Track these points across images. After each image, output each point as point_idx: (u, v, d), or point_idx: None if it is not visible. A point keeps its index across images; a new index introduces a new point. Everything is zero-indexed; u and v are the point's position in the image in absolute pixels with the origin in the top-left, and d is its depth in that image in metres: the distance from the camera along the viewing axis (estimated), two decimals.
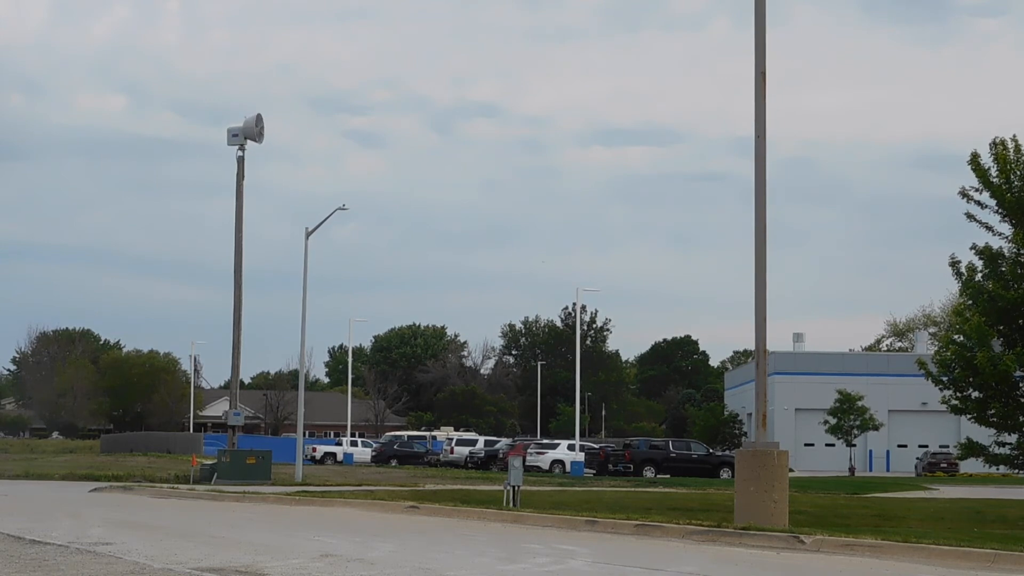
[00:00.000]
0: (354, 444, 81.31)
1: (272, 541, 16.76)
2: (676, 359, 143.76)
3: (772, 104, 20.27)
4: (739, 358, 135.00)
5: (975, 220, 26.25)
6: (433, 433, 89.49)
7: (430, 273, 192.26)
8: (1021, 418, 25.85)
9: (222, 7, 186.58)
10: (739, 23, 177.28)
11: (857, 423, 71.85)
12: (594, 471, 61.46)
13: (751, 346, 23.38)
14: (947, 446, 77.43)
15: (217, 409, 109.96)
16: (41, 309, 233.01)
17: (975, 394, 26.30)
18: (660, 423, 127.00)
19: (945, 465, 73.03)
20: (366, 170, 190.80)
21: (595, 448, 67.98)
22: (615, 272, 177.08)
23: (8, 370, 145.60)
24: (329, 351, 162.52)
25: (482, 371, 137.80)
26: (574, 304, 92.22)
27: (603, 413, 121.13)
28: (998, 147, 25.88)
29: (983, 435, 27.70)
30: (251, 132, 41.40)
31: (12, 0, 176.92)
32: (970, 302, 26.51)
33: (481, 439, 76.87)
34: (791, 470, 24.44)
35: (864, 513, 26.66)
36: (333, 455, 78.37)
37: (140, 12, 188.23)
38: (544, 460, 63.92)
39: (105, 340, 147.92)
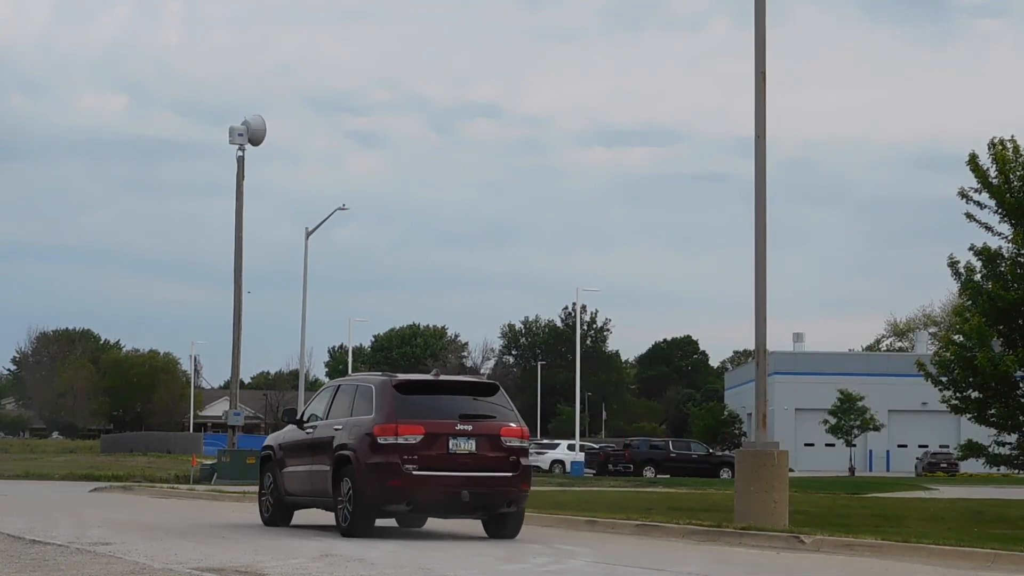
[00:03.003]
0: None
1: (272, 541, 16.77)
2: (676, 359, 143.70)
3: (772, 104, 20.26)
4: (739, 358, 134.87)
5: (975, 220, 26.28)
6: None
7: (430, 273, 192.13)
8: (1021, 418, 25.86)
9: (222, 7, 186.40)
10: (739, 23, 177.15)
11: (857, 423, 71.87)
12: (594, 471, 61.48)
13: (751, 346, 23.39)
14: (947, 446, 77.40)
15: (217, 409, 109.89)
16: (41, 309, 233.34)
17: (975, 394, 26.30)
18: (660, 423, 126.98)
19: (945, 465, 72.98)
20: (366, 170, 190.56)
21: (595, 448, 68.01)
22: (615, 272, 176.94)
23: (8, 370, 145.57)
24: (329, 351, 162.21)
25: (482, 371, 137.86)
26: (574, 304, 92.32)
27: (603, 413, 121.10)
28: (997, 147, 25.87)
29: (983, 435, 27.69)
30: (257, 136, 41.13)
31: (12, 0, 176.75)
32: (970, 302, 26.51)
33: None
34: (791, 470, 24.45)
35: (864, 513, 26.64)
36: None
37: (141, 12, 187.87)
38: (544, 460, 63.90)
39: (105, 340, 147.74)
